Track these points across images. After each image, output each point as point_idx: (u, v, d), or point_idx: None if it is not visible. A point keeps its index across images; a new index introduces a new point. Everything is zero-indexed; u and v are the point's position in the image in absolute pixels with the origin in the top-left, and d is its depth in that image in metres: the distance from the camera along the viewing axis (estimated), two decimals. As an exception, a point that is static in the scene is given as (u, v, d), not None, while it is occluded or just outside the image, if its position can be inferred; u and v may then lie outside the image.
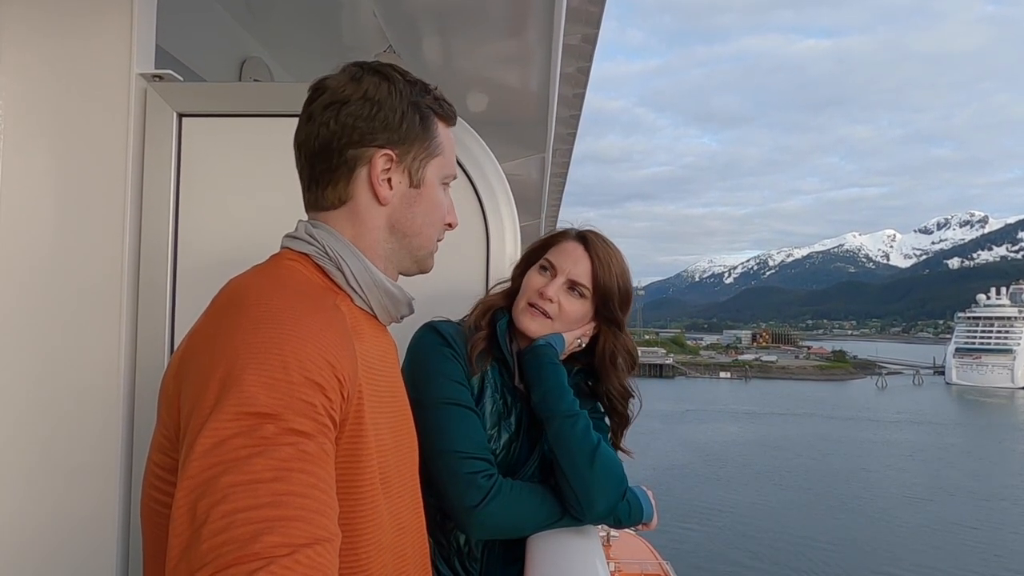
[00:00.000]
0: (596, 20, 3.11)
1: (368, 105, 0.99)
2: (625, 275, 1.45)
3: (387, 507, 0.97)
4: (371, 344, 0.98)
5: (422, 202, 1.06)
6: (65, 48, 1.53)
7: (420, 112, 1.03)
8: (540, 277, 1.43)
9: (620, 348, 1.46)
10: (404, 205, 1.04)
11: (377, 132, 0.99)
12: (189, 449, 0.72)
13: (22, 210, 1.52)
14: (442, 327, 1.39)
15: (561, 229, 1.50)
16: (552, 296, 1.40)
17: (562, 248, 1.45)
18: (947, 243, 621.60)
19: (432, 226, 1.08)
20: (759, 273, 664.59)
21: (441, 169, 1.08)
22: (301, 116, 1.03)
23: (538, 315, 1.41)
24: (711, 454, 43.62)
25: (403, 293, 1.07)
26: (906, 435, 53.90)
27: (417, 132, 1.03)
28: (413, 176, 1.04)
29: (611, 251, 1.44)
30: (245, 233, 1.57)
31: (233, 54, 2.92)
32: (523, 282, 1.46)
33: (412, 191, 1.04)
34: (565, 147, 5.34)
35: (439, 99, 1.07)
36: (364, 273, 1.00)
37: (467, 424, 1.31)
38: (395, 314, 1.08)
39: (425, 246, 1.09)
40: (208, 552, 0.65)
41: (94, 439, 1.51)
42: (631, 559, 13.67)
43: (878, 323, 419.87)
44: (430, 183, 1.06)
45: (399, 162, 1.02)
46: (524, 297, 1.43)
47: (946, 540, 27.60)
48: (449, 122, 1.10)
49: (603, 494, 1.31)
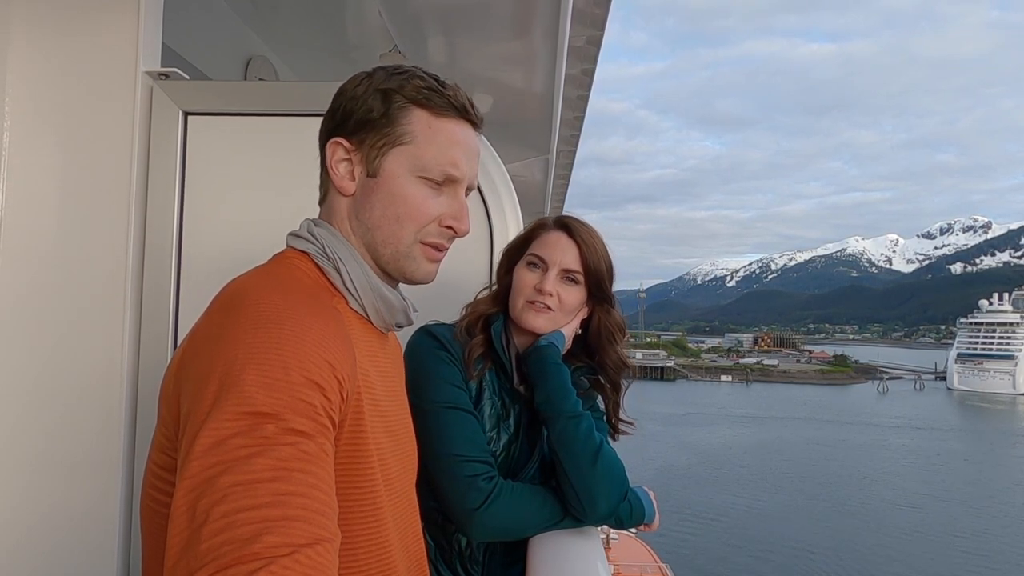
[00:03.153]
0: (601, 22, 3.10)
1: (341, 98, 1.00)
2: (607, 252, 1.47)
3: (389, 507, 0.96)
4: (364, 348, 0.96)
5: (379, 192, 0.99)
6: (72, 46, 1.53)
7: (384, 97, 0.98)
8: (532, 273, 1.43)
9: (613, 324, 1.49)
10: (363, 195, 1.00)
11: (337, 123, 1.00)
12: (188, 449, 0.71)
13: (28, 207, 1.52)
14: (437, 330, 1.38)
15: (537, 221, 1.49)
16: (550, 290, 1.40)
17: (546, 240, 1.44)
18: (950, 248, 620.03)
19: (394, 221, 0.99)
20: (761, 276, 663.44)
21: (411, 160, 0.98)
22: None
23: (541, 310, 1.41)
24: (710, 457, 43.54)
25: (401, 301, 1.04)
26: (907, 440, 53.80)
27: (375, 118, 0.98)
28: (369, 165, 0.99)
29: (591, 232, 1.46)
30: (249, 231, 1.57)
31: (239, 53, 2.92)
32: (514, 282, 1.45)
33: (370, 181, 1.00)
34: (569, 149, 5.34)
35: (434, 88, 0.99)
36: (361, 276, 0.99)
37: (466, 427, 1.31)
38: (390, 321, 1.04)
39: (389, 243, 1.00)
40: (207, 552, 0.64)
41: (96, 435, 1.51)
42: (631, 561, 13.66)
43: (880, 328, 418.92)
44: (391, 172, 0.99)
45: (356, 150, 0.99)
46: (521, 296, 1.42)
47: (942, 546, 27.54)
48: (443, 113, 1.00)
49: (605, 495, 1.31)
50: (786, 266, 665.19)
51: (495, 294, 1.49)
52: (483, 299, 1.49)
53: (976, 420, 74.06)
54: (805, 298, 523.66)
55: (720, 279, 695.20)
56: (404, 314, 1.06)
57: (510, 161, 3.92)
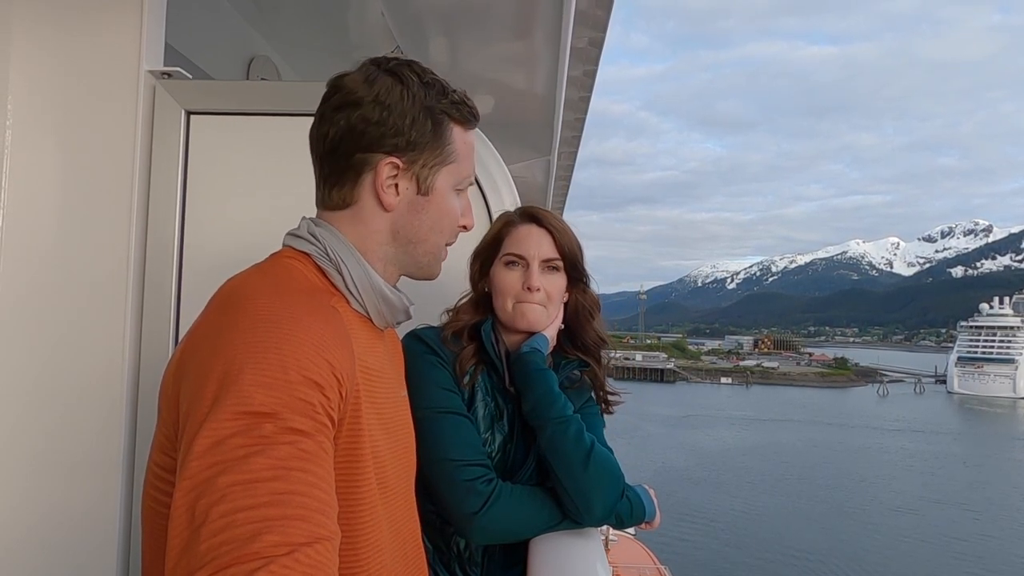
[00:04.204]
0: (603, 24, 3.10)
1: (378, 109, 0.97)
2: (573, 231, 1.47)
3: (384, 508, 0.96)
4: (363, 347, 0.96)
5: (430, 210, 1.03)
6: (75, 45, 1.53)
7: (433, 117, 1.00)
8: (513, 272, 1.41)
9: (590, 301, 1.50)
10: (410, 212, 1.02)
11: (386, 138, 0.97)
12: (188, 449, 0.72)
13: (30, 205, 1.52)
14: (425, 334, 1.38)
15: (502, 218, 1.47)
16: (538, 285, 1.40)
17: (519, 235, 1.43)
18: (951, 252, 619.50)
19: (439, 233, 1.05)
20: (762, 279, 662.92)
21: (454, 176, 1.04)
22: (316, 113, 1.02)
23: (533, 306, 1.40)
24: (709, 459, 43.52)
25: (401, 300, 1.05)
26: (906, 443, 53.77)
27: (428, 139, 1.00)
28: (421, 183, 1.01)
29: (556, 216, 1.46)
30: (251, 230, 1.57)
31: (241, 52, 2.92)
32: (495, 284, 1.43)
33: (420, 198, 1.02)
34: (570, 150, 5.34)
35: (458, 102, 1.03)
36: (363, 278, 0.99)
37: (461, 431, 1.30)
38: (391, 320, 1.06)
39: (431, 252, 1.06)
40: (207, 552, 0.65)
41: (97, 434, 1.51)
42: (629, 563, 13.65)
43: (880, 331, 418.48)
44: (440, 190, 1.03)
45: (407, 169, 0.99)
46: (508, 297, 1.41)
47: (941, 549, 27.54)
48: (467, 125, 1.06)
49: (600, 496, 1.30)
50: (787, 269, 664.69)
51: (474, 301, 1.47)
52: (463, 307, 1.46)
53: (976, 424, 74.00)
54: (805, 301, 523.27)
55: (720, 281, 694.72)
56: (404, 312, 1.07)
57: (512, 162, 3.92)
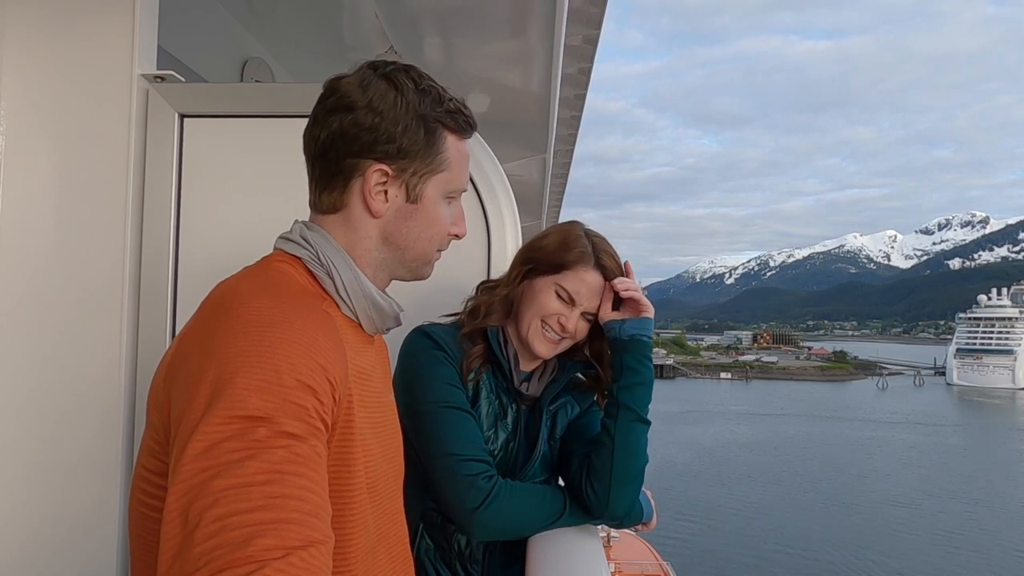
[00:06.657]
0: (597, 21, 3.10)
1: (371, 115, 0.96)
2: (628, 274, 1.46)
3: (372, 512, 0.96)
4: (354, 352, 0.96)
5: (418, 217, 1.02)
6: (67, 49, 1.53)
7: (426, 125, 0.98)
8: (557, 303, 1.39)
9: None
10: (399, 219, 1.01)
11: (377, 144, 0.96)
12: (180, 453, 0.71)
13: (24, 210, 1.52)
14: (432, 330, 1.38)
15: (580, 250, 1.40)
16: (572, 329, 1.40)
17: (581, 277, 1.39)
18: (948, 244, 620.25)
19: (428, 242, 1.05)
20: (760, 274, 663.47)
21: (445, 185, 1.03)
22: (310, 115, 1.01)
23: (554, 341, 1.40)
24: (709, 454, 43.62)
25: (391, 306, 1.04)
26: (906, 435, 53.91)
27: (420, 146, 0.98)
28: (411, 191, 1.00)
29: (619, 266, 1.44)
30: (246, 233, 1.57)
31: (235, 55, 2.92)
32: (531, 297, 1.41)
33: (408, 206, 1.01)
34: (566, 148, 5.33)
35: (454, 111, 1.01)
36: (354, 284, 0.98)
37: (464, 427, 1.31)
38: (380, 326, 1.05)
39: (419, 258, 1.05)
40: (200, 556, 0.64)
41: (95, 437, 1.51)
42: (631, 560, 13.69)
43: (879, 324, 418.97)
44: (430, 199, 1.02)
45: (396, 176, 0.99)
46: (537, 316, 1.39)
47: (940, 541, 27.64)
48: (462, 134, 1.04)
49: (625, 499, 1.34)
50: (784, 263, 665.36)
51: (505, 301, 1.44)
52: (495, 306, 1.43)
53: (975, 415, 74.17)
54: (804, 295, 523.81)
55: (719, 277, 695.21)
56: (395, 319, 1.06)
57: (507, 161, 3.92)
